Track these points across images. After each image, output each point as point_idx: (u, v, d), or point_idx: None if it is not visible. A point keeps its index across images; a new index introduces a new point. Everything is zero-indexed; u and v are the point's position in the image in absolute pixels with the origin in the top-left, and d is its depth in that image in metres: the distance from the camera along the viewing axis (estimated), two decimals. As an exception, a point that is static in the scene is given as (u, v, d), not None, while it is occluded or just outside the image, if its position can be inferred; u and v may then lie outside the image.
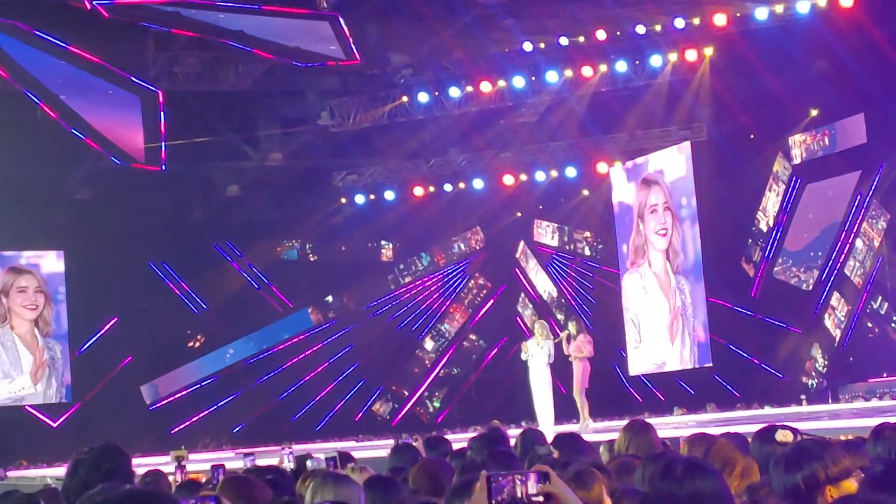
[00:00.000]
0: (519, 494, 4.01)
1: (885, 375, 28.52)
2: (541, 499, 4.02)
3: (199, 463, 16.55)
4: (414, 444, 9.42)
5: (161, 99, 28.31)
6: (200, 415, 33.02)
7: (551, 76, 30.26)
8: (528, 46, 29.56)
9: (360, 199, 34.94)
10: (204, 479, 10.16)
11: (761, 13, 27.62)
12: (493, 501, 4.00)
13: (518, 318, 35.70)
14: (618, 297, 33.88)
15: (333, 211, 35.39)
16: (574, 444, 8.10)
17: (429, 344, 36.78)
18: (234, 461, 13.05)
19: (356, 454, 13.30)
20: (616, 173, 33.98)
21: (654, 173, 32.24)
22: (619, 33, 29.06)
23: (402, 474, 7.43)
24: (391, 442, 15.43)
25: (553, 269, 36.34)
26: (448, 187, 34.69)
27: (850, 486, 4.77)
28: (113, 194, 31.39)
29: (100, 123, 29.44)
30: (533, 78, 30.53)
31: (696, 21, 28.41)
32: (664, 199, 31.62)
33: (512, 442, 9.50)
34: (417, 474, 6.83)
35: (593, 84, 30.47)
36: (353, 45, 28.52)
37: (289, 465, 9.67)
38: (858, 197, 30.07)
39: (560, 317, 34.43)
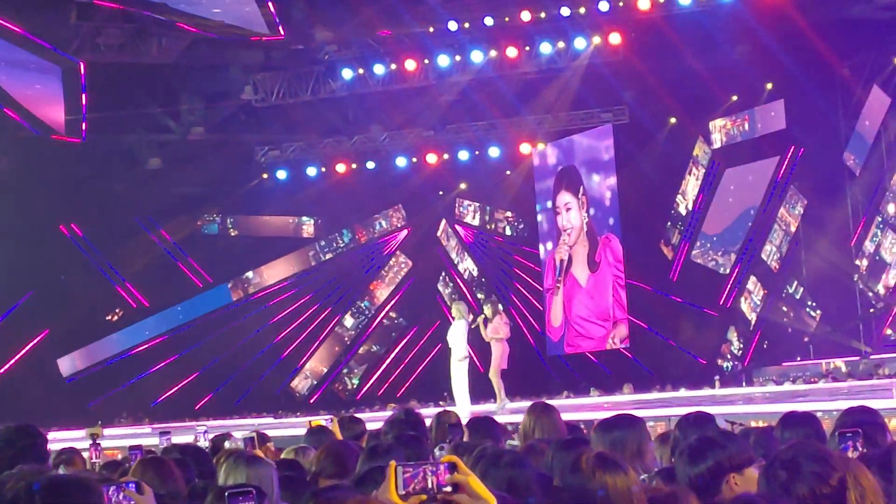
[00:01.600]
0: (429, 485, 4.02)
1: (798, 359, 28.96)
2: (449, 489, 4.04)
3: (116, 439, 16.45)
4: (329, 424, 9.43)
5: (83, 70, 28.02)
6: (118, 389, 32.77)
7: (476, 56, 30.27)
8: (453, 26, 29.53)
9: (282, 174, 34.80)
10: (121, 457, 10.13)
11: (685, -1, 27.79)
12: (403, 492, 4.02)
13: (438, 297, 35.79)
14: (538, 277, 34.15)
15: (255, 186, 35.22)
16: (487, 427, 8.16)
17: (348, 321, 36.78)
18: (151, 437, 13.01)
19: (274, 432, 13.34)
20: (538, 154, 34.22)
21: (574, 160, 32.58)
22: (543, 15, 29.10)
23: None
24: (314, 419, 15.43)
25: (474, 248, 36.47)
26: (371, 165, 34.65)
27: (752, 473, 4.86)
28: (32, 165, 30.99)
29: (20, 93, 29.12)
30: (458, 57, 30.52)
31: (621, 4, 28.52)
32: (582, 192, 32.02)
33: (428, 422, 9.55)
34: (322, 457, 6.86)
35: (518, 65, 30.51)
36: (277, 20, 28.41)
37: (204, 443, 9.66)
38: (776, 182, 30.44)
39: (480, 296, 34.56)
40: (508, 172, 35.08)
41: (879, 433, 6.59)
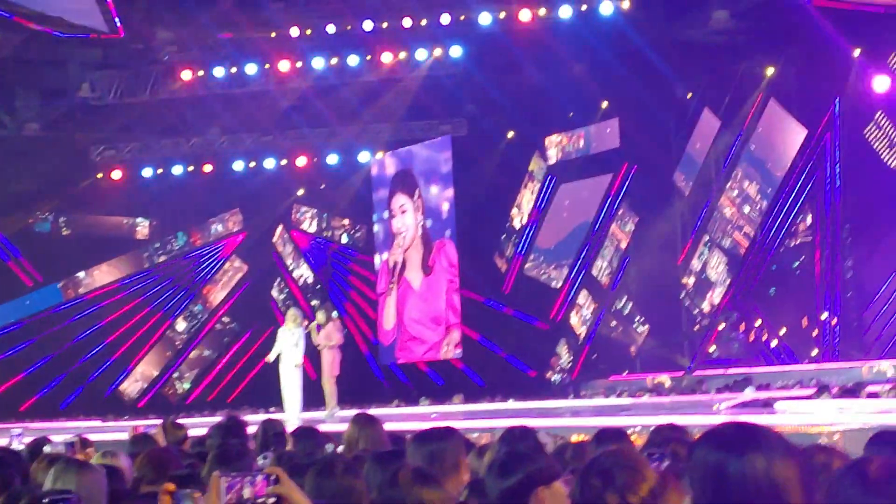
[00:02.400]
0: (246, 496, 4.08)
1: (625, 373, 29.53)
2: (271, 500, 4.10)
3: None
4: (153, 432, 9.40)
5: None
6: (-58, 388, 31.99)
7: (317, 62, 30.27)
8: (294, 31, 29.51)
9: (117, 174, 34.34)
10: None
11: (525, 15, 28.15)
12: (222, 503, 4.07)
13: (273, 303, 35.65)
14: (372, 286, 34.27)
15: (89, 185, 34.67)
16: (311, 436, 8.25)
17: (181, 325, 36.40)
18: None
19: (101, 436, 13.22)
20: (377, 163, 34.39)
21: (411, 168, 32.83)
22: (385, 25, 29.26)
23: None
24: (139, 423, 15.32)
25: (310, 254, 36.41)
26: (208, 167, 34.39)
27: (560, 487, 5.02)
28: None
29: None
30: (299, 63, 30.49)
31: (462, 17, 28.80)
32: (417, 195, 32.26)
33: (254, 429, 9.60)
34: (143, 463, 6.87)
35: (359, 73, 30.60)
36: (117, 18, 28.07)
37: (19, 446, 9.53)
38: (609, 199, 31.02)
39: (315, 303, 34.52)
40: (347, 180, 35.11)
41: (685, 449, 6.81)
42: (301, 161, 34.15)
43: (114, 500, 5.87)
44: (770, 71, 28.82)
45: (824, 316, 28.30)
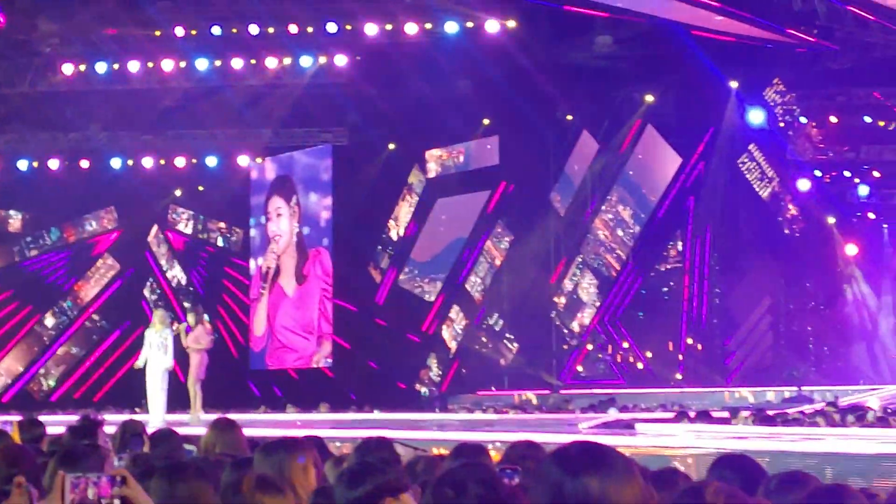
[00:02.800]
0: (90, 496, 4.10)
1: (492, 389, 29.76)
2: (116, 502, 4.12)
3: None
4: (9, 429, 9.29)
5: None
6: None
7: (200, 63, 30.10)
8: (179, 31, 29.31)
9: (-10, 165, 33.79)
10: None
11: (411, 28, 28.28)
12: (66, 503, 4.09)
13: (144, 303, 35.28)
14: (246, 290, 34.13)
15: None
16: (170, 440, 8.24)
17: (49, 320, 35.90)
18: None
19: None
20: (257, 168, 34.29)
21: (291, 174, 32.81)
22: (271, 30, 29.18)
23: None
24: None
25: (184, 256, 36.12)
26: (85, 164, 33.94)
27: (408, 499, 5.10)
28: None
29: None
30: (183, 63, 30.28)
31: (349, 27, 28.83)
32: (295, 202, 32.25)
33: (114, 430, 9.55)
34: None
35: (242, 77, 30.47)
36: (-2, 7, 27.65)
37: None
38: (486, 216, 31.25)
39: (186, 305, 34.28)
40: (225, 183, 34.88)
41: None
42: (180, 162, 33.87)
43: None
44: (649, 98, 29.31)
45: (690, 341, 28.84)
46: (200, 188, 35.37)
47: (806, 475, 5.26)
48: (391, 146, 32.42)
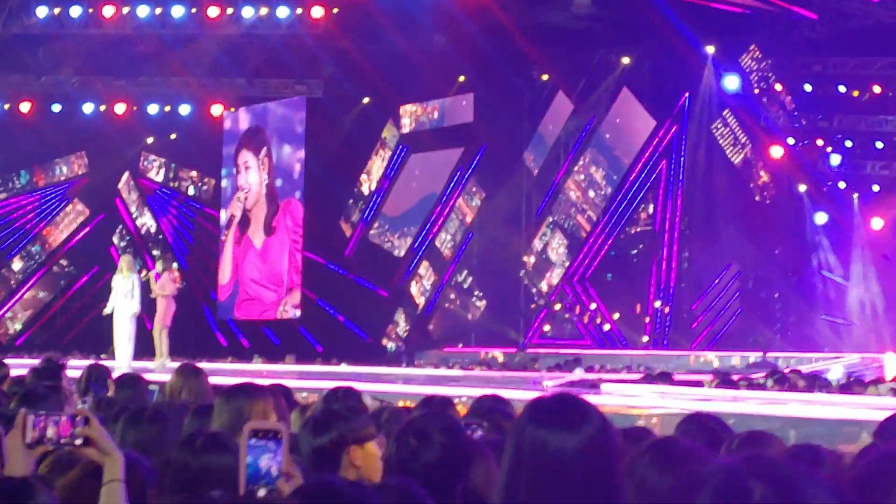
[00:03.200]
0: (49, 435, 4.08)
1: (459, 346, 29.82)
2: (78, 442, 4.10)
3: None
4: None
5: None
6: None
7: (176, 10, 29.85)
8: (156, -23, 29.09)
9: (-40, 106, 33.50)
10: None
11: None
12: (29, 440, 4.08)
13: (113, 249, 35.13)
14: (215, 240, 34.06)
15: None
16: (133, 384, 8.23)
17: (17, 264, 35.73)
18: None
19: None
20: (230, 117, 34.14)
21: (265, 125, 32.70)
22: (248, -23, 29.00)
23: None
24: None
25: (155, 203, 35.98)
26: (57, 107, 33.70)
27: (373, 448, 5.11)
28: None
29: None
30: (158, 10, 30.02)
31: (326, -22, 28.67)
32: (265, 153, 32.17)
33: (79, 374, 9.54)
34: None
35: (218, 25, 30.24)
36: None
37: None
38: (458, 173, 31.23)
39: (156, 252, 34.20)
40: (198, 132, 34.71)
41: (507, 421, 6.93)
42: (152, 109, 33.69)
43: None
44: (625, 60, 29.30)
45: (657, 304, 28.95)
46: (173, 136, 35.17)
47: (769, 435, 5.30)
48: (366, 100, 32.32)
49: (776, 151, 28.40)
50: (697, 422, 5.70)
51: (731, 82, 28.17)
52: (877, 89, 28.27)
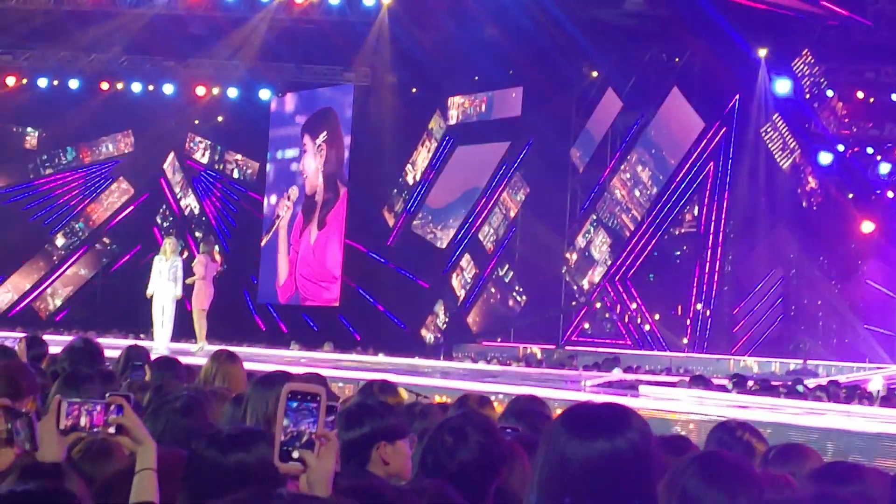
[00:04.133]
0: (82, 423, 4.06)
1: (498, 340, 29.73)
2: (111, 430, 4.07)
3: None
4: (16, 346, 9.24)
5: None
6: None
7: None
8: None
9: (10, 80, 33.61)
10: None
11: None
12: (63, 427, 4.05)
13: (156, 229, 35.26)
14: (258, 224, 34.10)
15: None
16: (171, 368, 8.18)
17: (60, 240, 35.91)
18: None
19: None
20: (278, 101, 34.15)
21: (314, 111, 32.67)
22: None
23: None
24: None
25: (199, 185, 36.07)
26: (105, 85, 33.79)
27: (403, 446, 5.05)
28: None
29: None
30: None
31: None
32: (325, 138, 32.14)
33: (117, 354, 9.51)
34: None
35: (269, 9, 30.25)
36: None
37: None
38: (504, 166, 31.12)
39: (198, 234, 34.28)
40: (245, 115, 34.77)
41: (543, 422, 6.85)
42: (200, 91, 33.74)
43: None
44: (677, 60, 29.07)
45: (698, 307, 28.74)
46: (220, 119, 35.27)
47: (806, 448, 5.21)
48: (413, 90, 32.26)
49: (825, 158, 28.12)
50: (730, 431, 5.63)
51: (783, 86, 27.89)
52: (930, 99, 27.96)
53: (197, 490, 3.88)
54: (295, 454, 3.61)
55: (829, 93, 28.49)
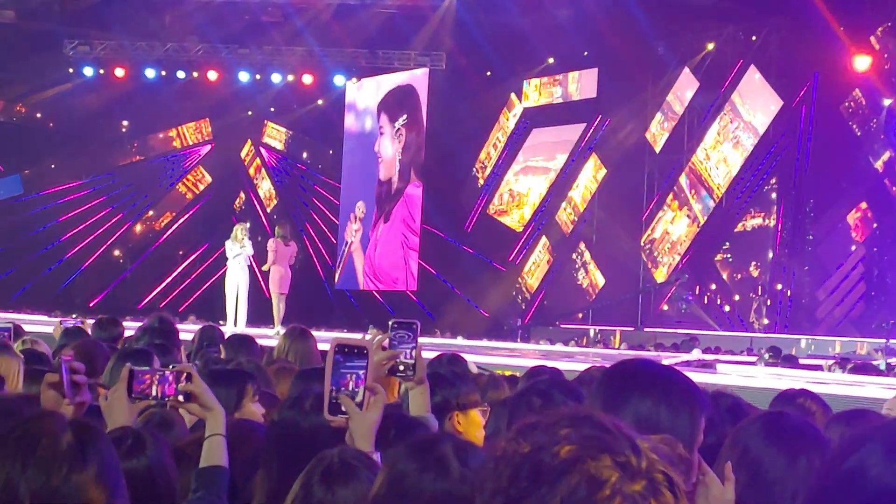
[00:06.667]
0: (153, 392, 4.07)
1: (577, 320, 29.61)
2: (181, 398, 4.09)
3: None
4: (83, 325, 9.34)
5: None
6: None
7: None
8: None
9: (88, 71, 33.93)
10: None
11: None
12: (132, 395, 4.07)
13: (234, 217, 35.42)
14: (334, 209, 34.18)
15: (60, 79, 34.24)
16: (244, 345, 8.19)
17: (139, 228, 36.26)
18: None
19: (39, 328, 13.13)
20: (353, 87, 34.16)
21: (388, 96, 32.65)
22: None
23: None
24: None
25: (275, 172, 36.25)
26: (181, 74, 34.02)
27: (476, 416, 5.02)
28: None
29: None
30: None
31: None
32: (404, 120, 32.13)
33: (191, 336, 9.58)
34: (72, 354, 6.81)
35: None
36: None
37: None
38: (580, 148, 30.97)
39: (275, 220, 34.43)
40: (320, 102, 34.88)
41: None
42: (276, 78, 33.88)
43: (29, 377, 5.88)
44: (753, 38, 28.76)
45: (778, 287, 28.44)
46: (295, 106, 35.39)
47: (870, 412, 5.10)
48: (488, 73, 32.19)
49: (906, 134, 27.72)
50: (791, 398, 5.55)
51: (861, 62, 27.50)
52: None
53: (286, 453, 3.89)
54: (343, 407, 3.64)
55: (910, 68, 28.07)
